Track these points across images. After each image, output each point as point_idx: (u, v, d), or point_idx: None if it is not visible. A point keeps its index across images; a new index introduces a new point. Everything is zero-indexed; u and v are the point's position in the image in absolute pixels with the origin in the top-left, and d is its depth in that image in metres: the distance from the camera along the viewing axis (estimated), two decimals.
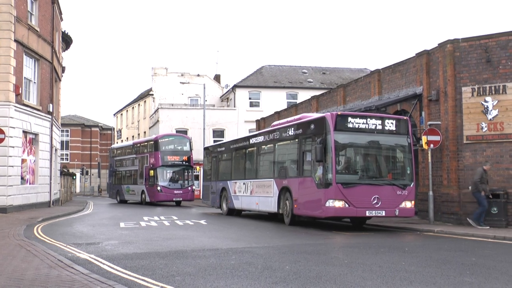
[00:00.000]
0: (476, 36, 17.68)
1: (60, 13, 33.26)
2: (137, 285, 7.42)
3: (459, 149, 17.64)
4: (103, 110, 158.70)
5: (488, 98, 17.11)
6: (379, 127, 16.00)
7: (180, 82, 48.86)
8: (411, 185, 16.02)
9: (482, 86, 17.25)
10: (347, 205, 15.21)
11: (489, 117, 17.07)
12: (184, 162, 36.49)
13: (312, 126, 16.82)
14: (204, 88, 44.20)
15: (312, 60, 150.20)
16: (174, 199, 35.80)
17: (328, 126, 15.68)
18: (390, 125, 16.10)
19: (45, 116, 27.80)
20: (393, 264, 9.28)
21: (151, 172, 36.24)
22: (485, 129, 17.11)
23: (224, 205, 24.56)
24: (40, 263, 8.93)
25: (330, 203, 15.25)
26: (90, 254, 10.44)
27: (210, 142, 45.25)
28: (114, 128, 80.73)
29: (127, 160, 41.83)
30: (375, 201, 15.37)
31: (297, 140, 17.78)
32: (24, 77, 25.04)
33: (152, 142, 37.34)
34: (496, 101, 16.98)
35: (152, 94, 59.80)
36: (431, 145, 17.82)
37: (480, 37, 17.57)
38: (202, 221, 19.66)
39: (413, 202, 16.07)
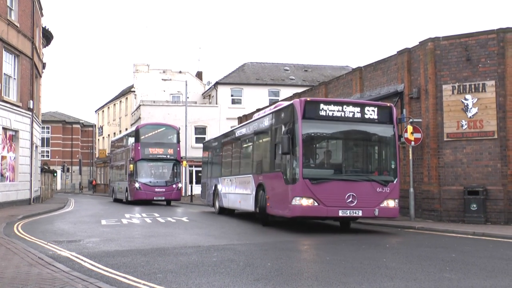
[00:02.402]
0: (457, 35, 17.85)
1: (41, 8, 32.90)
2: (118, 282, 7.39)
3: (440, 147, 17.82)
4: (84, 107, 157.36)
5: (468, 96, 17.30)
6: (358, 115, 14.24)
7: (162, 79, 48.70)
8: (394, 182, 14.30)
9: (462, 84, 17.44)
10: (316, 204, 13.54)
11: (469, 115, 17.26)
12: (169, 156, 32.05)
13: (282, 115, 15.22)
14: (186, 85, 44.09)
15: (294, 58, 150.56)
16: (154, 198, 31.33)
17: (295, 114, 14.00)
18: (371, 113, 14.35)
19: (25, 113, 27.50)
20: (374, 261, 9.35)
21: (131, 166, 31.95)
22: (465, 126, 17.30)
23: (216, 203, 23.08)
24: (20, 261, 8.84)
25: (297, 201, 13.61)
26: (71, 251, 10.37)
27: (192, 139, 45.18)
28: (95, 125, 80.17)
29: (118, 154, 38.18)
30: (350, 199, 13.67)
31: (270, 130, 16.31)
32: (4, 73, 24.74)
33: (134, 132, 33.07)
34: (476, 99, 17.18)
35: (134, 91, 59.49)
36: (412, 143, 17.97)
37: (460, 35, 17.76)
38: (184, 218, 19.62)
39: (396, 201, 14.30)
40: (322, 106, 14.11)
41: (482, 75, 17.17)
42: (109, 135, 68.64)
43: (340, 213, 13.77)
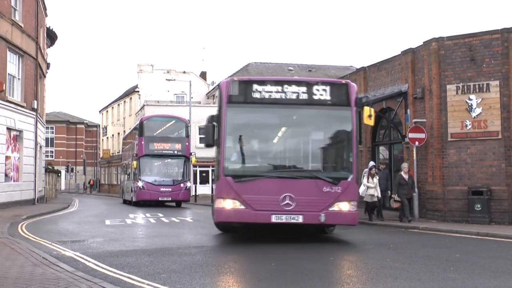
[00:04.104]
0: (461, 35, 17.81)
1: (45, 8, 32.96)
2: (122, 282, 7.40)
3: (444, 147, 17.77)
4: (88, 107, 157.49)
5: (472, 96, 17.26)
6: (304, 96, 11.50)
7: (166, 79, 48.68)
8: (349, 179, 11.35)
9: (466, 84, 17.40)
10: (242, 207, 11.08)
11: (473, 115, 17.22)
12: (176, 152, 28.95)
13: (217, 99, 12.90)
14: (190, 85, 44.07)
15: (298, 58, 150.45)
16: (160, 199, 28.08)
17: (221, 97, 11.66)
18: (322, 92, 11.53)
19: (29, 113, 27.55)
20: (378, 261, 9.35)
21: (134, 163, 29.15)
22: (469, 126, 17.26)
23: None
24: (24, 261, 8.86)
25: (220, 203, 11.34)
26: (75, 251, 10.39)
27: (196, 139, 45.13)
28: (99, 125, 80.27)
29: (126, 151, 35.28)
30: (286, 202, 10.96)
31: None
32: (8, 73, 24.78)
33: (138, 125, 30.00)
34: (480, 99, 17.14)
35: (138, 91, 59.54)
36: (416, 143, 17.95)
37: (464, 35, 17.72)
38: (188, 219, 19.64)
39: (353, 203, 11.37)
40: (255, 86, 11.50)
41: (486, 75, 17.13)
42: (113, 135, 68.72)
43: (274, 219, 11.03)
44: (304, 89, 11.55)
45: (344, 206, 11.24)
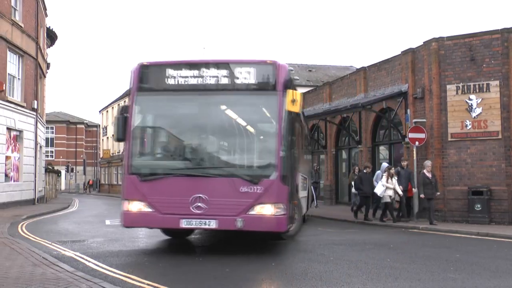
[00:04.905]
0: (461, 35, 17.81)
1: (45, 8, 32.97)
2: (123, 282, 7.41)
3: (444, 147, 17.77)
4: (88, 107, 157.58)
5: (472, 96, 17.26)
6: (224, 80, 9.93)
7: None
8: (272, 177, 9.47)
9: (466, 84, 17.40)
10: (149, 210, 9.67)
11: (473, 115, 17.22)
12: None
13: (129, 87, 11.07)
14: None
15: (298, 58, 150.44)
16: None
17: (131, 85, 10.32)
18: (245, 75, 9.89)
19: (29, 113, 27.55)
20: (378, 261, 9.35)
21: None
22: (469, 126, 17.26)
23: None
24: (24, 261, 8.86)
25: (125, 205, 9.91)
26: (76, 251, 10.39)
27: None
28: (99, 125, 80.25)
29: None
30: (197, 204, 9.44)
31: None
32: (8, 73, 24.78)
33: None
34: (480, 99, 17.14)
35: None
36: (416, 143, 17.95)
37: (464, 35, 17.72)
38: None
39: (280, 206, 9.45)
40: (169, 71, 10.12)
41: (486, 75, 17.13)
42: (113, 135, 68.69)
43: (183, 224, 9.55)
44: (224, 72, 9.96)
45: (266, 210, 9.38)
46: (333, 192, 27.03)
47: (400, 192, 17.17)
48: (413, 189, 17.63)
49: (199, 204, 9.42)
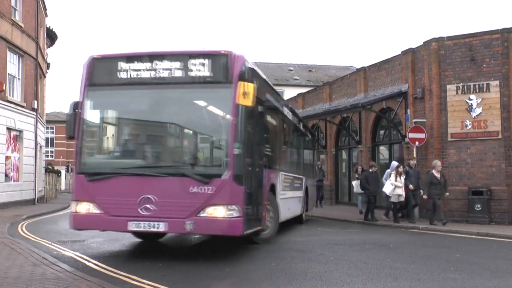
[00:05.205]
0: (461, 35, 17.82)
1: (45, 8, 32.96)
2: (123, 282, 7.40)
3: (444, 147, 17.78)
4: None
5: (472, 96, 17.27)
6: (177, 73, 9.28)
7: None
8: (224, 176, 8.75)
9: (466, 84, 17.41)
10: (97, 211, 9.13)
11: (473, 115, 17.23)
12: None
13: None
14: None
15: (298, 58, 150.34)
16: None
17: (82, 79, 9.80)
18: (199, 68, 9.22)
19: (29, 113, 27.55)
20: (378, 261, 9.35)
21: None
22: (469, 126, 17.27)
23: None
24: (24, 261, 8.86)
25: (74, 207, 9.42)
26: (76, 252, 10.38)
27: None
28: None
29: None
30: (145, 205, 8.83)
31: None
32: (8, 73, 24.77)
33: None
34: (480, 99, 17.15)
35: None
36: (416, 143, 17.96)
37: (464, 35, 17.73)
38: None
39: (233, 208, 8.72)
40: (121, 64, 9.52)
41: (486, 75, 17.14)
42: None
43: (131, 227, 8.95)
44: (178, 64, 9.32)
45: (218, 212, 8.68)
46: (333, 192, 27.05)
47: (403, 194, 16.89)
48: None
49: (148, 205, 8.82)
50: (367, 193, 18.32)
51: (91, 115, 9.77)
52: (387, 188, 16.98)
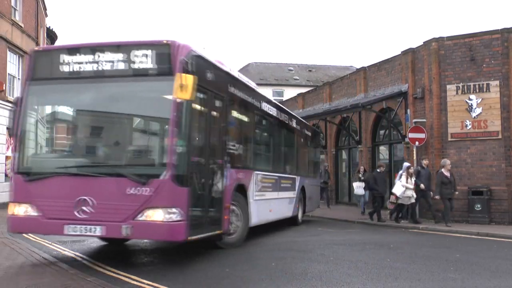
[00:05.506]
0: (461, 35, 17.83)
1: (45, 8, 32.97)
2: (123, 282, 7.40)
3: (444, 147, 17.78)
4: None
5: (472, 96, 17.27)
6: (120, 65, 8.56)
7: None
8: (162, 177, 7.98)
9: (466, 84, 17.41)
10: (35, 213, 8.50)
11: (473, 115, 17.24)
12: None
13: None
14: None
15: (298, 58, 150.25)
16: None
17: (25, 74, 9.37)
18: (142, 59, 8.48)
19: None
20: (378, 261, 9.34)
21: None
22: (469, 126, 17.27)
23: None
24: (24, 260, 8.86)
25: (11, 208, 8.81)
26: (75, 251, 10.37)
27: None
28: None
29: None
30: (81, 207, 8.17)
31: None
32: (8, 73, 24.77)
33: None
34: (480, 99, 17.15)
35: None
36: (416, 143, 17.96)
37: (464, 35, 17.74)
38: None
39: (173, 211, 7.94)
40: (62, 57, 8.85)
41: (486, 75, 17.15)
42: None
43: (67, 231, 8.26)
44: (120, 56, 8.63)
45: (157, 215, 7.95)
46: (333, 192, 27.05)
47: (414, 195, 16.53)
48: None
49: (84, 207, 8.15)
50: (375, 194, 18.02)
51: (31, 111, 9.16)
52: (398, 190, 16.52)
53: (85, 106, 9.16)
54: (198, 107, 8.74)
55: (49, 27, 36.04)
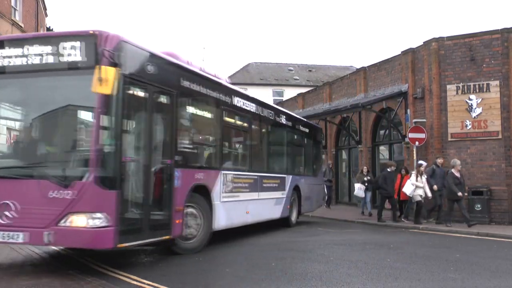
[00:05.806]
0: (461, 35, 17.82)
1: (45, 8, 32.97)
2: (123, 282, 7.39)
3: (444, 147, 17.78)
4: None
5: (472, 96, 17.27)
6: (48, 59, 7.94)
7: None
8: (85, 179, 7.38)
9: (466, 84, 17.41)
10: None
11: (473, 115, 17.23)
12: None
13: None
14: None
15: (298, 58, 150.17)
16: None
17: None
18: (70, 52, 7.83)
19: None
20: (378, 261, 9.34)
21: None
22: (469, 126, 17.27)
23: None
24: (24, 260, 8.87)
25: None
26: (75, 251, 10.37)
27: None
28: None
29: None
30: (4, 212, 7.61)
31: None
32: None
33: None
34: (480, 99, 17.15)
35: None
36: (416, 143, 17.95)
37: (464, 35, 17.73)
38: None
39: (99, 215, 7.36)
40: None
41: (486, 75, 17.14)
42: None
43: None
44: (48, 49, 8.01)
45: (80, 221, 7.34)
46: (333, 192, 27.02)
47: (429, 194, 16.26)
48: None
49: (7, 212, 7.54)
50: (383, 193, 17.70)
51: None
52: (408, 189, 16.31)
53: (14, 103, 8.72)
54: (133, 102, 8.20)
55: (49, 27, 36.04)
